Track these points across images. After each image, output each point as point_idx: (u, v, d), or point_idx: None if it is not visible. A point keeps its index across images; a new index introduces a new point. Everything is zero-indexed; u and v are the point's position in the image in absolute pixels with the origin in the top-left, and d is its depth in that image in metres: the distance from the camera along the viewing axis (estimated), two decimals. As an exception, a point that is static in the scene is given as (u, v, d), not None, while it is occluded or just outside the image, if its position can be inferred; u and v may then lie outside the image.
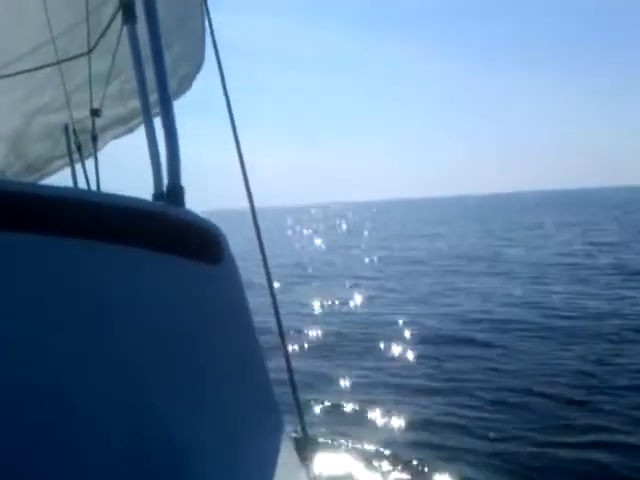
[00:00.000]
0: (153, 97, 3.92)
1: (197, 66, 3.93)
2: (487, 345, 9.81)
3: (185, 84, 4.10)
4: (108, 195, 1.41)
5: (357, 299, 15.27)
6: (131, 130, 4.68)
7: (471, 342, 10.09)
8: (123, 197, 1.40)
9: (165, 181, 1.60)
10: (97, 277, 1.39)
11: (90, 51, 3.27)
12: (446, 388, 7.82)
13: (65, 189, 1.40)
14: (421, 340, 10.42)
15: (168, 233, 1.44)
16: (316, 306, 14.67)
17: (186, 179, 1.61)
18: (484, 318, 11.80)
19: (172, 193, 1.54)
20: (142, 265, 1.42)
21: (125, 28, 1.90)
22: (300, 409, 2.41)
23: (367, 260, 25.34)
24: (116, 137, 4.77)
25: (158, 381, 1.47)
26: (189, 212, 1.48)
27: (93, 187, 4.20)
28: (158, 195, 1.80)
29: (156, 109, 3.99)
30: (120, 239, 1.38)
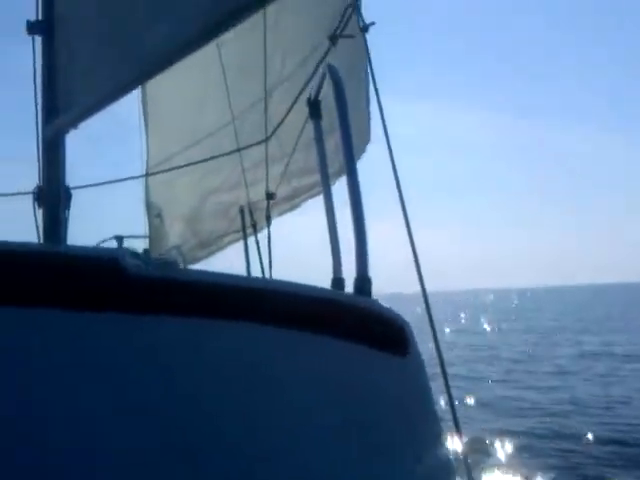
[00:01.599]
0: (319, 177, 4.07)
1: (363, 149, 4.02)
2: None
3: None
4: (302, 286, 1.49)
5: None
6: (295, 207, 4.85)
7: None
8: (316, 288, 1.50)
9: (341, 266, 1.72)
10: (288, 363, 1.47)
11: (268, 138, 3.48)
12: None
13: (264, 281, 1.50)
14: None
15: (358, 323, 1.49)
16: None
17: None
18: None
19: (360, 283, 1.59)
20: (333, 353, 1.47)
21: (311, 122, 2.11)
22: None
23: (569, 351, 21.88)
24: (280, 214, 4.96)
25: (343, 468, 1.50)
26: (377, 303, 1.52)
27: (265, 263, 4.45)
28: (337, 280, 1.91)
29: (316, 190, 4.10)
30: (313, 328, 1.45)
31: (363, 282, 1.58)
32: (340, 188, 2.05)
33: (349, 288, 1.72)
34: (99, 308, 1.34)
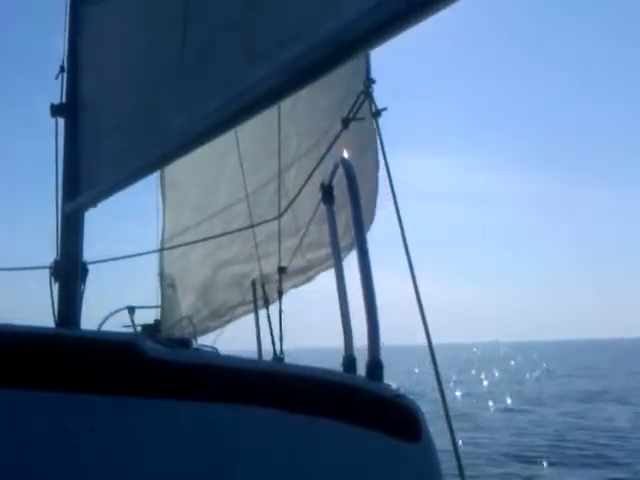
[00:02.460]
0: (327, 252, 4.12)
1: (368, 227, 4.09)
2: None
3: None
4: (317, 370, 1.52)
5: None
6: (309, 280, 4.89)
7: None
8: (330, 372, 1.52)
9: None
10: (303, 448, 1.48)
11: (280, 215, 3.56)
12: None
13: (280, 365, 1.63)
14: None
15: (371, 409, 1.50)
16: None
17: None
18: None
19: (373, 367, 1.59)
20: (346, 438, 1.48)
21: (325, 208, 2.16)
22: None
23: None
24: (295, 286, 4.99)
25: None
26: (390, 388, 1.54)
27: (276, 334, 4.48)
28: (349, 359, 1.94)
29: (328, 263, 4.15)
30: (327, 413, 1.47)
31: (375, 367, 1.59)
32: (351, 261, 2.12)
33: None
34: (118, 392, 1.39)
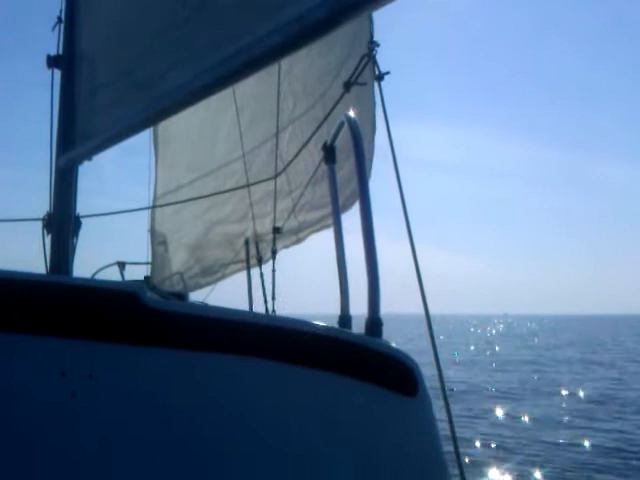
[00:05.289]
0: (326, 211, 4.14)
1: None
2: None
3: (350, 201, 4.28)
4: (316, 325, 1.54)
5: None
6: (300, 241, 4.91)
7: None
8: (330, 328, 1.55)
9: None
10: (299, 399, 1.52)
11: (277, 175, 3.56)
12: None
13: (280, 318, 1.63)
14: None
15: (369, 363, 1.53)
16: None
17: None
18: None
19: (372, 324, 1.61)
20: (343, 390, 1.52)
21: (326, 167, 2.16)
22: None
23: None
24: (286, 247, 5.01)
25: None
26: (387, 344, 1.56)
27: (268, 293, 4.54)
28: (344, 318, 1.98)
29: (328, 221, 4.18)
30: (324, 366, 1.50)
31: (374, 324, 1.62)
32: (345, 222, 2.14)
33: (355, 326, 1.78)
34: (118, 339, 1.42)
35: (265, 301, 4.54)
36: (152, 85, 1.93)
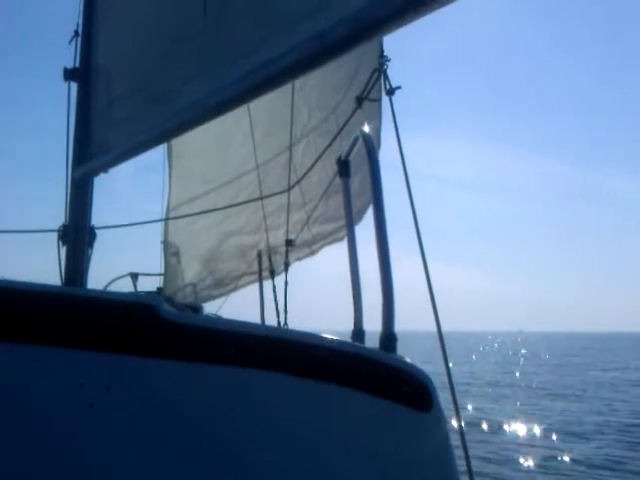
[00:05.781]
0: (339, 224, 4.13)
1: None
2: None
3: (360, 214, 4.28)
4: (333, 340, 1.55)
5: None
6: (313, 253, 4.91)
7: None
8: (346, 343, 1.57)
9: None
10: (315, 413, 1.53)
11: (291, 188, 3.57)
12: None
13: (297, 333, 1.59)
14: None
15: (383, 378, 1.54)
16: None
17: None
18: None
19: (386, 339, 1.62)
20: (357, 405, 1.52)
21: (340, 181, 2.18)
22: None
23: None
24: (298, 259, 5.02)
25: None
26: (402, 359, 1.57)
27: (280, 306, 4.53)
28: (358, 332, 1.98)
29: (341, 233, 4.18)
30: (339, 380, 1.50)
31: (389, 339, 1.62)
32: (358, 236, 2.14)
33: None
34: (135, 352, 1.43)
35: (277, 314, 4.53)
36: (168, 99, 1.94)
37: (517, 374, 28.67)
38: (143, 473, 1.44)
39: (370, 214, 1.76)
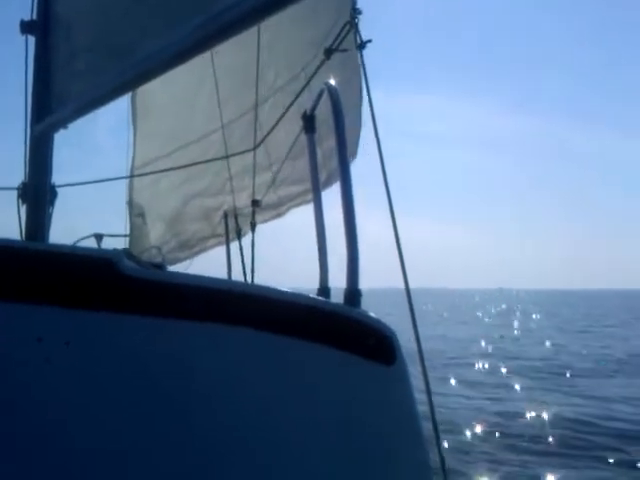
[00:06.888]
0: (307, 186, 4.11)
1: (352, 156, 4.05)
2: None
3: (334, 177, 4.26)
4: (295, 294, 1.55)
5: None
6: (280, 215, 4.89)
7: None
8: (308, 297, 1.57)
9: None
10: (276, 367, 1.53)
11: (256, 147, 3.53)
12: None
13: (258, 287, 1.59)
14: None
15: (348, 333, 1.55)
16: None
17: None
18: None
19: (351, 295, 1.63)
20: (320, 359, 1.53)
21: (306, 136, 2.16)
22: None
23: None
24: (265, 221, 5.00)
25: (322, 474, 1.57)
26: (366, 314, 1.58)
27: (248, 268, 4.54)
28: (323, 289, 1.99)
29: (309, 196, 4.17)
30: (302, 334, 1.52)
31: (353, 294, 1.63)
32: (325, 198, 2.12)
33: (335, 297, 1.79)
34: (95, 307, 1.41)
35: (244, 274, 4.52)
36: (128, 51, 1.89)
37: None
38: (102, 430, 1.44)
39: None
